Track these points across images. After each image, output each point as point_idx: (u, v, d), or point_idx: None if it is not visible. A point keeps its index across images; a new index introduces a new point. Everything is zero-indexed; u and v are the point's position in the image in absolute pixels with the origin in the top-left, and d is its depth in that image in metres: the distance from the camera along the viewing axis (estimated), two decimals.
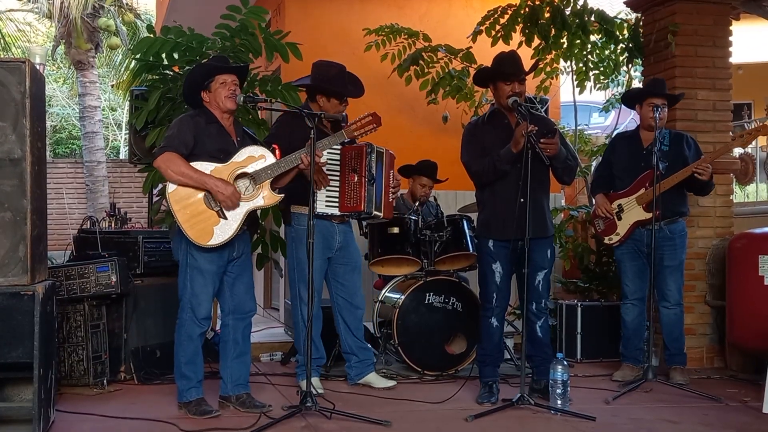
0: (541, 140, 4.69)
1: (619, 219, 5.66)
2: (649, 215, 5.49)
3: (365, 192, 5.01)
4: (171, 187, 4.42)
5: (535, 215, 4.83)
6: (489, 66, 5.15)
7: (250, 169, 4.50)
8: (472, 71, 7.38)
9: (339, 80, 5.25)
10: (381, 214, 5.15)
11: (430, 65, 7.42)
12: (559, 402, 4.67)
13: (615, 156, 5.83)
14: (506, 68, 4.97)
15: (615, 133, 8.26)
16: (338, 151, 5.09)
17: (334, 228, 5.24)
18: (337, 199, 5.09)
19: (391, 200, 5.28)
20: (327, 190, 5.06)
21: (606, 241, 5.78)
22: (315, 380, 5.03)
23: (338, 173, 5.09)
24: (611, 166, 5.82)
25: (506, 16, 7.11)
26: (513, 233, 4.76)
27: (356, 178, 5.02)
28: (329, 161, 5.04)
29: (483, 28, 7.18)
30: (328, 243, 5.22)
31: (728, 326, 6.00)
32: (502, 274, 4.98)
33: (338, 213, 5.12)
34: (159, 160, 4.43)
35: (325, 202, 5.07)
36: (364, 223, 5.85)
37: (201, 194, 4.41)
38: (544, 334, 5.06)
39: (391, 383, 5.40)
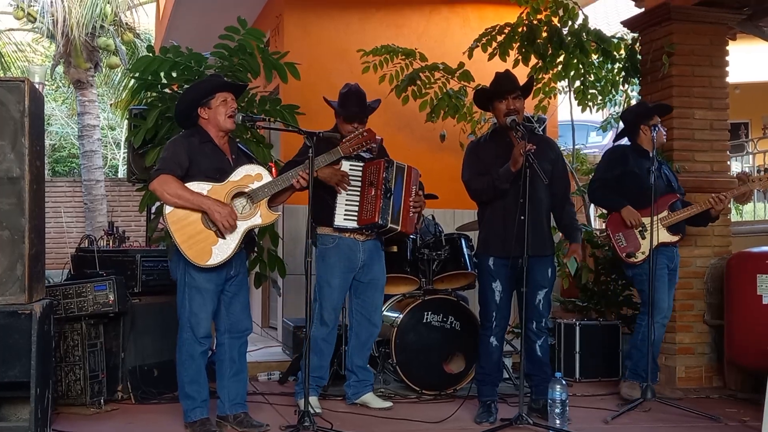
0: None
1: (643, 238, 5.57)
2: (675, 238, 5.62)
3: (381, 204, 5.06)
4: (168, 208, 4.42)
5: (535, 233, 4.84)
6: (486, 87, 5.18)
7: (246, 188, 4.50)
8: (470, 90, 7.42)
9: (347, 101, 5.35)
10: (398, 227, 5.17)
11: (428, 86, 7.45)
12: (557, 421, 4.65)
13: (628, 168, 5.65)
14: (499, 87, 5.01)
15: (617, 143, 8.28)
16: (359, 168, 5.16)
17: (358, 246, 5.25)
18: (356, 214, 5.14)
19: (411, 215, 5.31)
20: (347, 204, 5.13)
21: (627, 258, 5.61)
22: (313, 399, 5.01)
23: (359, 189, 5.16)
24: (625, 176, 5.64)
25: (503, 35, 7.14)
26: (513, 251, 4.77)
27: (373, 192, 5.07)
28: (351, 177, 5.12)
29: (479, 45, 7.21)
30: (350, 263, 5.24)
31: (727, 345, 5.99)
32: (502, 293, 4.98)
33: (357, 226, 5.14)
34: (155, 183, 4.42)
35: (343, 216, 5.13)
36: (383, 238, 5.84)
37: (198, 214, 4.41)
38: (543, 353, 5.05)
39: (387, 404, 5.38)
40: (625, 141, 6.01)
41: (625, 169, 5.67)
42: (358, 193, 5.16)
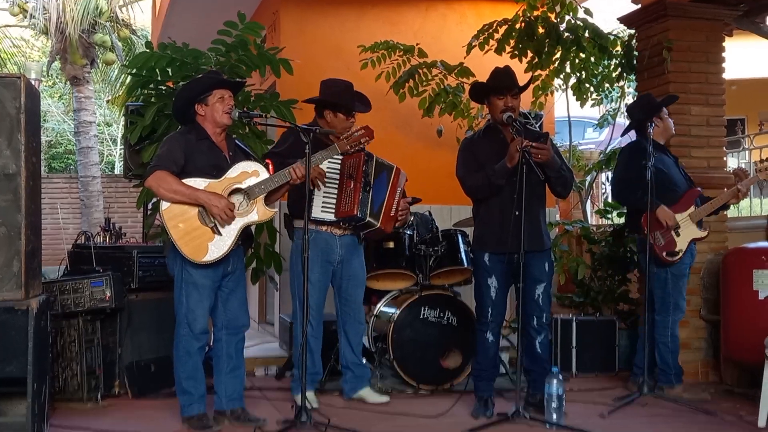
0: (533, 144, 4.71)
1: (677, 235, 5.53)
2: (705, 233, 5.61)
3: (359, 197, 5.04)
4: (164, 204, 4.42)
5: (531, 229, 4.85)
6: (482, 81, 5.17)
7: (243, 185, 4.50)
8: (467, 87, 7.43)
9: (346, 96, 5.32)
10: (377, 224, 5.15)
11: (425, 83, 7.45)
12: (554, 416, 4.66)
13: (657, 166, 5.45)
14: (498, 83, 5.00)
15: (616, 143, 8.28)
16: (338, 161, 5.13)
17: (335, 240, 5.24)
18: (333, 206, 5.12)
19: (392, 214, 5.30)
20: (324, 196, 5.09)
21: (668, 257, 5.50)
22: (310, 394, 5.02)
23: (337, 182, 5.13)
24: (654, 176, 5.39)
25: (501, 30, 7.15)
26: (508, 247, 4.77)
27: (352, 184, 5.06)
28: (329, 170, 5.07)
29: (477, 42, 7.22)
30: (327, 256, 5.23)
31: (723, 340, 6.01)
32: (498, 289, 4.98)
33: (334, 219, 5.13)
34: (150, 180, 4.43)
35: (321, 208, 5.10)
36: (361, 234, 5.84)
37: (195, 211, 4.42)
38: (543, 349, 5.05)
39: (384, 399, 5.40)
40: (631, 135, 5.98)
41: (646, 166, 5.45)
42: (336, 186, 5.13)
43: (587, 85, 7.64)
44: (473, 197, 5.14)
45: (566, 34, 7.07)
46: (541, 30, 7.06)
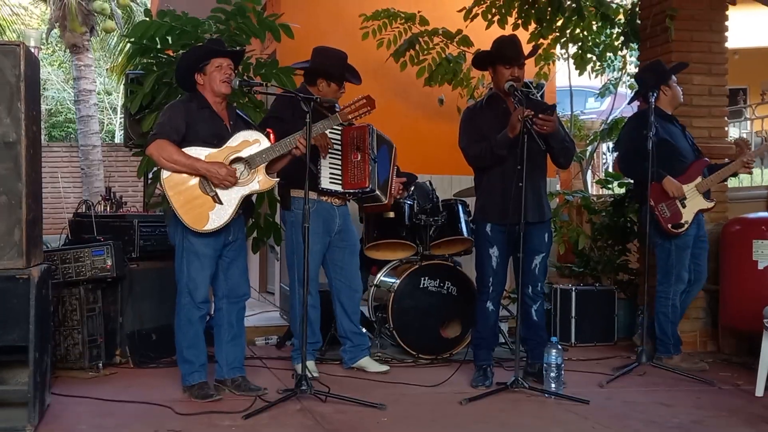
0: (539, 116, 4.69)
1: (683, 207, 5.50)
2: (711, 204, 5.59)
3: (369, 169, 5.03)
4: (165, 173, 4.41)
5: (532, 200, 4.87)
6: (488, 50, 5.13)
7: (244, 154, 4.49)
8: (468, 56, 7.39)
9: (341, 65, 5.28)
10: (385, 199, 5.22)
11: (426, 51, 7.40)
12: (553, 385, 4.69)
13: (662, 136, 5.42)
14: (507, 52, 4.96)
15: (618, 113, 8.23)
16: (339, 131, 5.11)
17: (335, 211, 5.25)
18: (340, 178, 5.11)
19: (393, 191, 5.33)
20: (330, 168, 5.07)
21: (674, 229, 5.47)
22: (310, 364, 5.04)
23: (340, 153, 5.12)
24: (659, 146, 5.33)
25: None
26: (511, 218, 4.77)
27: (359, 156, 5.04)
28: (330, 141, 5.06)
29: (480, 10, 7.16)
30: (327, 226, 5.23)
31: (721, 310, 6.03)
32: (499, 259, 4.99)
33: (341, 191, 5.12)
34: (151, 148, 4.42)
35: (329, 179, 5.08)
36: (362, 206, 5.84)
37: (196, 180, 4.41)
38: (539, 317, 5.08)
39: (384, 368, 5.42)
40: (633, 107, 5.93)
41: (653, 139, 5.33)
42: (340, 158, 5.12)
43: (589, 55, 7.59)
44: (475, 167, 5.13)
45: (568, 2, 7.01)
46: None
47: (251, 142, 4.52)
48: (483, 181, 5.10)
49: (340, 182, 5.11)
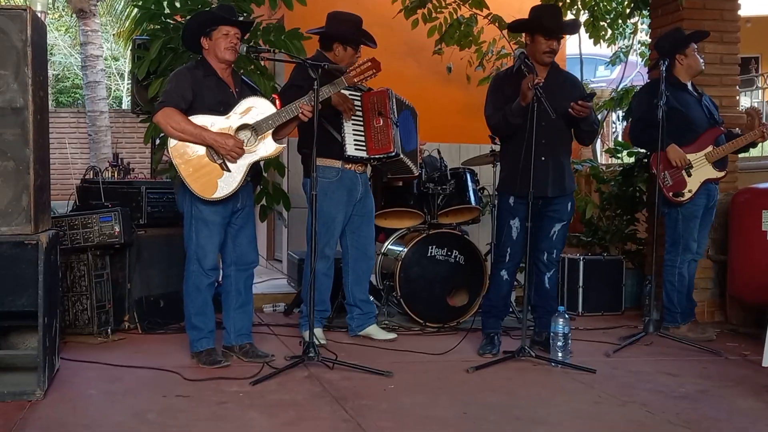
0: (579, 102, 4.70)
1: (689, 176, 5.45)
2: (722, 174, 5.53)
3: (392, 133, 5.03)
4: (172, 142, 4.40)
5: (554, 175, 4.90)
6: (527, 18, 5.03)
7: (251, 120, 4.47)
8: (480, 18, 7.32)
9: (357, 30, 5.27)
10: (416, 169, 5.34)
11: (438, 10, 7.32)
12: (559, 354, 4.70)
13: (668, 103, 5.26)
14: (548, 23, 4.89)
15: (628, 81, 8.15)
16: (359, 97, 5.11)
17: (358, 178, 5.26)
18: (364, 144, 5.11)
19: (419, 157, 5.41)
20: (354, 135, 5.08)
21: (675, 198, 5.43)
22: (318, 331, 5.07)
23: (362, 119, 5.12)
24: (666, 113, 5.24)
25: None
26: (534, 192, 4.73)
27: (381, 121, 5.03)
28: (353, 103, 5.07)
29: None
30: (351, 195, 5.24)
31: (729, 280, 6.02)
32: (519, 229, 4.97)
33: (367, 156, 5.13)
34: (158, 116, 4.40)
35: (354, 146, 5.09)
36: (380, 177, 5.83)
37: (203, 148, 4.40)
38: (551, 285, 5.09)
39: (391, 335, 5.44)
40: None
41: (664, 108, 5.25)
42: (362, 123, 5.12)
43: (601, 23, 7.51)
44: (496, 135, 5.16)
45: None
46: None
47: (257, 108, 4.50)
48: (507, 152, 5.07)
49: (364, 148, 5.11)
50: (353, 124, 5.09)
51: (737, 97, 6.52)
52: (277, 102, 4.64)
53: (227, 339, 4.79)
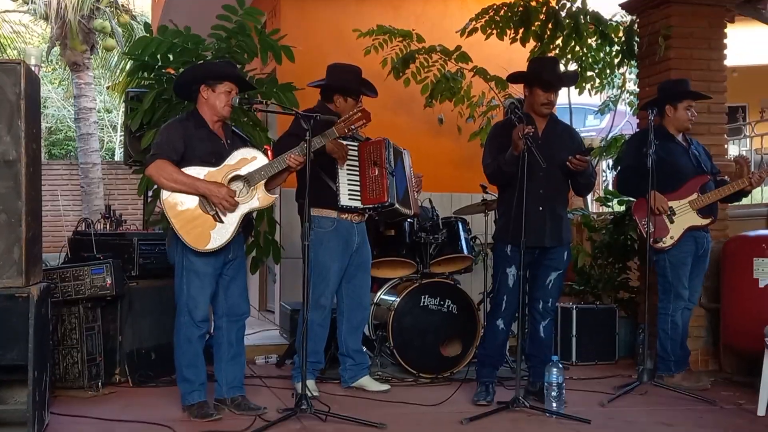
0: (576, 156, 4.80)
1: (671, 222, 5.48)
2: (706, 221, 5.54)
3: (387, 182, 5.05)
4: (165, 193, 4.41)
5: (553, 224, 4.94)
6: (525, 70, 5.15)
7: (243, 172, 4.49)
8: (467, 72, 7.40)
9: (356, 80, 5.34)
10: (410, 211, 5.30)
11: (426, 68, 7.42)
12: (554, 404, 4.67)
13: (659, 155, 5.32)
14: (547, 77, 4.97)
15: (617, 130, 8.21)
16: (355, 148, 5.15)
17: (354, 228, 5.26)
18: (359, 194, 5.12)
19: (416, 197, 5.42)
20: (348, 184, 5.10)
21: (655, 244, 5.45)
22: (310, 383, 5.02)
23: (357, 168, 5.15)
24: (655, 164, 5.26)
25: (500, 15, 7.10)
26: (531, 242, 4.78)
27: (377, 171, 5.06)
28: (347, 148, 5.10)
29: (478, 25, 7.16)
30: (347, 245, 5.24)
31: (723, 328, 6.01)
32: (516, 278, 4.97)
33: (361, 206, 5.14)
34: (150, 169, 4.42)
35: (348, 196, 5.10)
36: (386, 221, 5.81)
37: (196, 199, 4.41)
38: (546, 335, 5.08)
39: (385, 387, 5.40)
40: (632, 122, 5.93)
41: (647, 153, 5.31)
42: (358, 173, 5.14)
43: (589, 73, 7.60)
44: (493, 184, 5.21)
45: (567, 20, 7.02)
46: (541, 16, 7.01)
47: (249, 159, 4.52)
48: (504, 201, 5.10)
49: (359, 198, 5.12)
50: (348, 173, 5.11)
51: (725, 146, 6.57)
52: (269, 153, 4.67)
53: (219, 391, 4.74)
